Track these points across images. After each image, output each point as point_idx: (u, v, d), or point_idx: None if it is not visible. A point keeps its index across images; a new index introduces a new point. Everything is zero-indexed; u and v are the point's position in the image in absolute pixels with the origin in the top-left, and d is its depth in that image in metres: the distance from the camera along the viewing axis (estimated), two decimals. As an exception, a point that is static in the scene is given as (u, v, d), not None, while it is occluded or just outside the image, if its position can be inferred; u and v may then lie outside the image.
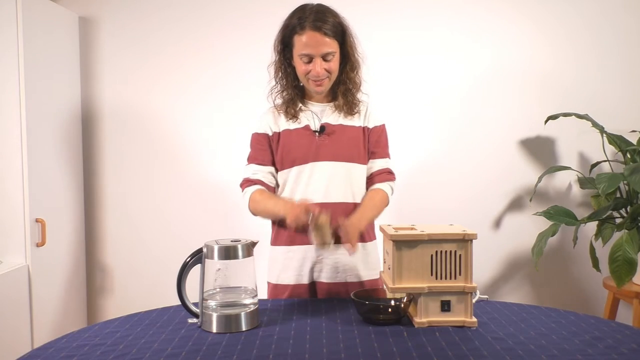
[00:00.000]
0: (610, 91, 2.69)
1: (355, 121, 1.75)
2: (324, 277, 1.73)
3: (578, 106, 2.65)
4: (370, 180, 1.77)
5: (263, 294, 1.82)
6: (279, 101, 1.77)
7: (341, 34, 1.67)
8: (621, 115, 2.68)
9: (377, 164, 1.78)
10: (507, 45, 2.72)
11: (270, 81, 1.77)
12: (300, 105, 1.74)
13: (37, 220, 2.43)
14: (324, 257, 1.71)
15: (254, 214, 1.75)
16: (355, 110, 1.75)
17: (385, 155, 1.80)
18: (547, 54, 2.71)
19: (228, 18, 2.80)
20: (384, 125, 1.81)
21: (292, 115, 1.72)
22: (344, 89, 1.73)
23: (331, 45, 1.63)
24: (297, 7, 1.68)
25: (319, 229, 1.50)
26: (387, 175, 1.78)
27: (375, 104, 1.82)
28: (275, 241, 1.80)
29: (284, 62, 1.72)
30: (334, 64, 1.67)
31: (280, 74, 1.74)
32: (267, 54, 1.77)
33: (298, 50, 1.64)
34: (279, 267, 1.76)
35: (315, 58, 1.62)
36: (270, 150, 1.76)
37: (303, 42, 1.62)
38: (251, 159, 1.78)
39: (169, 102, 2.85)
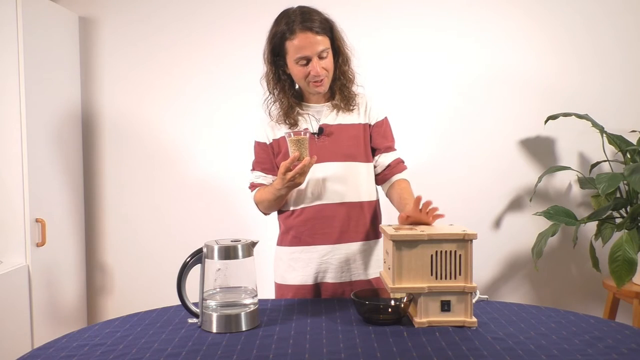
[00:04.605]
0: (610, 91, 2.69)
1: (355, 118, 1.74)
2: (329, 277, 1.73)
3: (578, 106, 2.65)
4: (389, 171, 1.77)
5: (265, 294, 1.83)
6: (275, 111, 1.75)
7: (330, 30, 1.66)
8: (621, 115, 2.68)
9: (390, 157, 1.78)
10: (507, 45, 2.72)
11: (265, 93, 1.76)
12: (297, 109, 1.73)
13: (37, 220, 2.43)
14: (329, 258, 1.71)
15: (264, 210, 1.79)
16: (353, 105, 1.74)
17: (394, 147, 1.81)
18: (547, 53, 2.71)
19: (228, 18, 2.80)
20: (386, 118, 1.80)
21: (291, 124, 1.72)
22: (340, 85, 1.73)
23: (324, 42, 1.63)
24: (279, 14, 1.67)
25: (298, 143, 1.52)
26: (403, 165, 1.80)
27: (375, 97, 1.80)
28: (281, 242, 1.80)
29: (278, 72, 1.70)
30: (330, 61, 1.67)
31: (274, 84, 1.72)
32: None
33: (293, 55, 1.63)
34: (284, 267, 1.77)
35: (313, 58, 1.62)
36: (271, 158, 1.77)
37: (296, 45, 1.61)
38: (254, 166, 1.81)
39: (169, 102, 2.85)
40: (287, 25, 1.61)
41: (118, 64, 2.87)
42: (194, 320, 1.43)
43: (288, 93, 1.72)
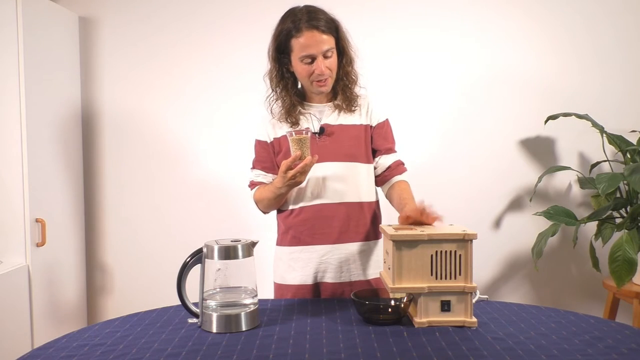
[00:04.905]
0: (610, 91, 2.69)
1: (356, 119, 1.74)
2: (329, 277, 1.73)
3: (578, 106, 2.65)
4: (389, 173, 1.77)
5: (265, 294, 1.82)
6: (277, 109, 1.75)
7: (335, 30, 1.66)
8: (621, 115, 2.68)
9: (390, 158, 1.78)
10: (508, 45, 2.72)
11: (267, 90, 1.77)
12: (299, 108, 1.74)
13: (37, 220, 2.43)
14: (328, 258, 1.71)
15: (264, 209, 1.78)
16: (355, 106, 1.74)
17: (394, 149, 1.81)
18: (547, 53, 2.71)
19: (228, 18, 2.80)
20: (387, 119, 1.80)
21: (293, 122, 1.72)
22: (342, 85, 1.73)
23: (329, 42, 1.63)
24: (285, 12, 1.67)
25: (300, 142, 1.52)
26: (403, 167, 1.79)
27: (377, 99, 1.81)
28: (280, 242, 1.80)
29: (282, 69, 1.71)
30: (334, 61, 1.67)
31: (277, 81, 1.72)
32: (265, 54, 1.76)
33: (298, 53, 1.63)
34: (284, 267, 1.77)
35: (318, 57, 1.62)
36: (272, 157, 1.77)
37: (302, 43, 1.61)
38: (255, 164, 1.81)
39: (169, 101, 2.85)
40: (293, 23, 1.62)
41: (118, 64, 2.87)
42: (194, 320, 1.43)
43: (291, 91, 1.72)
